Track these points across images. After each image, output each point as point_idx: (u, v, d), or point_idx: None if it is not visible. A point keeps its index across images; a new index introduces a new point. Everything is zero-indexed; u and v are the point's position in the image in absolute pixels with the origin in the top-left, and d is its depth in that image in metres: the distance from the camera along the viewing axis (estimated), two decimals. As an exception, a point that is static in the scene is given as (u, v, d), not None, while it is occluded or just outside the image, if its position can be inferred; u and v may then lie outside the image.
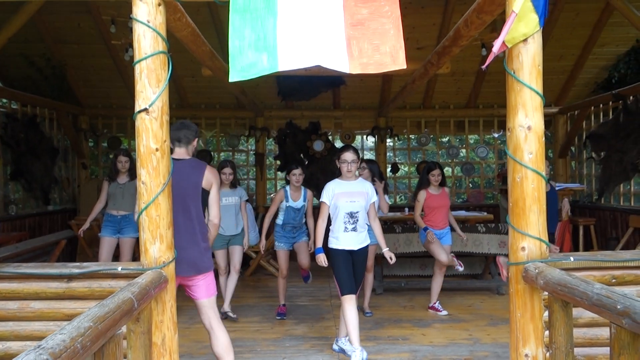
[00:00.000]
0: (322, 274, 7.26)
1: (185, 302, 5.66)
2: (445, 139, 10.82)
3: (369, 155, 9.34)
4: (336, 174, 4.26)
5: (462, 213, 7.03)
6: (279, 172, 9.10)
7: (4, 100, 7.28)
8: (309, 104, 8.92)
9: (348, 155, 4.03)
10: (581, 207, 8.20)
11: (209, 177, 3.34)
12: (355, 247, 4.03)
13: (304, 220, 5.26)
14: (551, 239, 5.11)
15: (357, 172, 4.36)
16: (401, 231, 6.25)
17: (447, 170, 10.69)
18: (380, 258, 6.42)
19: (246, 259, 7.52)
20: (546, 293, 2.66)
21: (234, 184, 5.39)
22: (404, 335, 4.58)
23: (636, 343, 1.99)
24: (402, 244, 6.26)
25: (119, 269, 2.85)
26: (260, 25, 2.69)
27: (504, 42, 2.79)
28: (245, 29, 2.66)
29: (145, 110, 2.85)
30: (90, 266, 2.90)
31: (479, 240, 6.15)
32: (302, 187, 5.24)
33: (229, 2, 2.71)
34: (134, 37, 2.88)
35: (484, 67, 3.15)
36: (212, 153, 9.16)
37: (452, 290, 6.15)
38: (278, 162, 9.01)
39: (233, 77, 2.64)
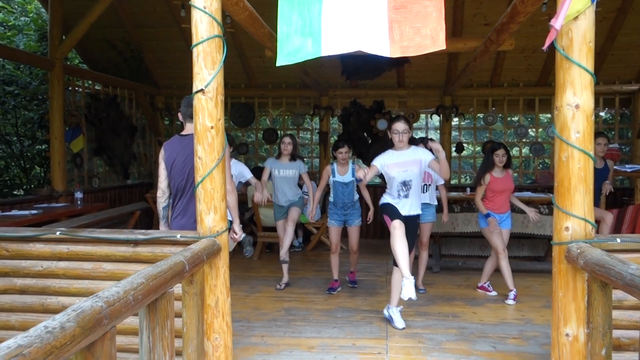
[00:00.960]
0: (381, 251, 7.39)
1: (247, 273, 6.04)
2: (515, 118, 10.46)
3: (433, 134, 9.24)
4: (389, 145, 4.37)
5: (527, 194, 6.86)
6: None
7: (89, 82, 7.87)
8: (373, 83, 8.94)
9: (400, 126, 4.15)
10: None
11: None
12: (405, 213, 4.18)
13: (356, 197, 5.34)
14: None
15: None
16: (460, 211, 6.22)
17: (515, 151, 10.39)
18: (438, 237, 6.49)
19: (307, 234, 7.80)
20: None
21: (293, 157, 5.59)
22: (455, 313, 4.63)
23: (667, 324, 1.97)
24: (460, 224, 6.24)
25: (178, 236, 3.12)
26: (307, 10, 2.80)
27: (556, 19, 2.73)
28: (293, 15, 2.79)
29: (202, 90, 3.07)
30: (154, 233, 3.20)
31: (541, 222, 6.00)
32: (350, 162, 5.37)
33: None
34: (192, 22, 3.10)
35: (544, 48, 3.08)
36: (278, 131, 9.43)
37: (512, 271, 6.06)
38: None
39: (280, 61, 2.78)
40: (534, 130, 9.07)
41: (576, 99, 2.78)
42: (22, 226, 4.69)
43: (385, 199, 4.32)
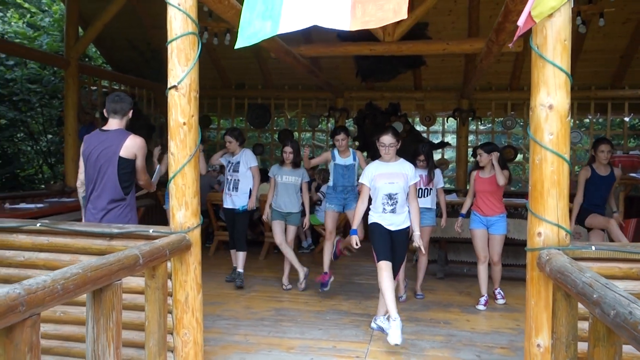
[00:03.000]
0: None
1: (247, 272, 6.04)
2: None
3: (449, 138, 9.08)
4: (410, 154, 4.34)
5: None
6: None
7: (106, 82, 8.08)
8: (389, 85, 8.85)
9: (386, 139, 4.04)
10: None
11: (129, 146, 3.54)
12: (393, 228, 4.04)
13: (355, 183, 5.27)
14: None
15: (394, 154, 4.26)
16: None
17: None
18: (444, 243, 6.35)
19: (317, 236, 7.77)
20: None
21: (296, 164, 5.57)
22: (447, 320, 4.51)
23: (612, 336, 1.86)
24: (466, 229, 6.08)
25: (151, 231, 3.15)
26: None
27: (531, 17, 2.62)
28: (258, 3, 2.77)
29: (175, 87, 3.10)
30: (129, 227, 3.24)
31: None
32: (351, 150, 5.32)
33: None
34: (167, 19, 3.13)
35: (510, 45, 2.98)
36: (294, 133, 9.45)
37: (519, 280, 5.88)
38: (357, 143, 9.08)
39: (239, 44, 2.75)
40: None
41: (550, 99, 2.68)
42: (25, 219, 4.84)
43: (372, 217, 4.11)
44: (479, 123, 8.94)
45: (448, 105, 8.85)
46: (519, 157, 8.79)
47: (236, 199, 5.60)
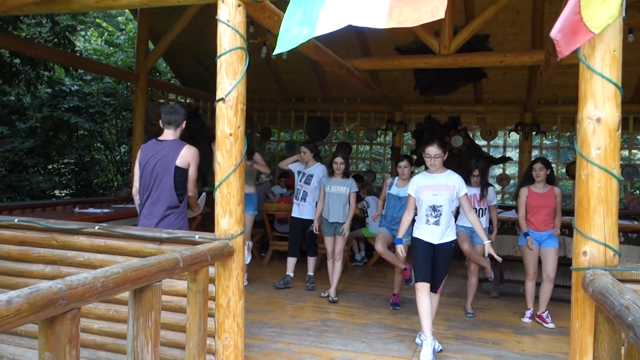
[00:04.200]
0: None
1: (302, 283, 6.11)
2: None
3: (511, 152, 8.79)
4: (463, 162, 4.30)
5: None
6: (414, 167, 9.06)
7: (172, 95, 8.51)
8: (449, 98, 8.72)
9: (432, 150, 4.01)
10: None
11: (184, 155, 3.74)
12: (436, 241, 3.99)
13: None
14: None
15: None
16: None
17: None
18: (498, 262, 6.14)
19: (370, 249, 7.73)
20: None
21: (346, 174, 5.62)
22: (497, 340, 4.36)
23: (649, 362, 1.76)
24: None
25: (197, 237, 3.29)
26: (310, 6, 2.82)
27: (587, 29, 2.52)
28: (297, 12, 2.83)
29: (222, 99, 3.24)
30: (177, 233, 3.40)
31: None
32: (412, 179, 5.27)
33: None
34: (218, 35, 3.28)
35: (558, 59, 2.87)
36: (351, 145, 9.50)
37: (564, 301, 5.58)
38: (414, 157, 8.98)
39: (277, 50, 2.81)
40: (626, 151, 8.30)
41: (597, 111, 2.57)
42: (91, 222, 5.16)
43: (415, 230, 4.12)
44: (544, 137, 8.59)
45: (510, 119, 8.58)
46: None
47: (303, 209, 5.97)
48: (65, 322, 1.88)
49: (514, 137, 8.74)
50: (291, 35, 2.77)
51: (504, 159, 8.61)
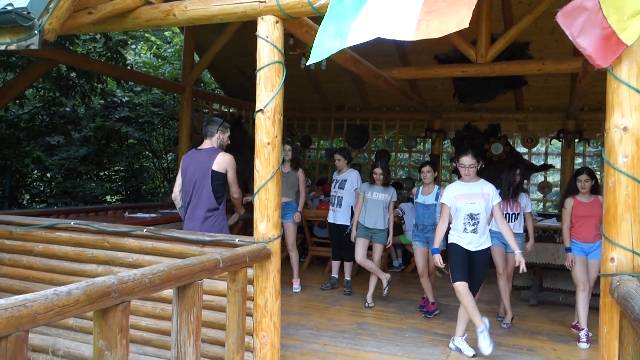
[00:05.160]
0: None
1: (340, 288, 6.24)
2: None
3: (553, 160, 8.67)
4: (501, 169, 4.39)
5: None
6: (454, 175, 9.07)
7: (216, 105, 8.85)
8: (489, 106, 8.69)
9: (466, 160, 4.10)
10: None
11: (220, 161, 4.04)
12: (473, 249, 4.06)
13: (437, 221, 5.26)
14: None
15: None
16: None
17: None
18: (538, 269, 6.09)
19: (408, 256, 7.78)
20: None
21: (386, 183, 5.73)
22: (532, 347, 4.37)
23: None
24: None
25: (237, 240, 3.49)
26: (343, 21, 2.96)
27: (620, 40, 2.58)
28: (330, 26, 2.99)
29: (261, 110, 3.43)
30: (218, 236, 3.61)
31: None
32: (436, 186, 5.33)
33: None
34: (257, 50, 3.49)
35: (601, 66, 2.87)
36: (390, 153, 9.58)
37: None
38: (454, 165, 8.99)
39: (311, 61, 2.95)
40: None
41: (624, 120, 2.62)
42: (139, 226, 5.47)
43: (452, 237, 4.20)
44: (587, 145, 8.44)
45: (552, 126, 8.47)
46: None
47: (339, 214, 6.16)
48: (117, 313, 2.09)
49: (556, 144, 8.61)
50: (324, 47, 2.92)
51: (546, 167, 8.51)
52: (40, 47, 3.42)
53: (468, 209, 4.08)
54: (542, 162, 8.65)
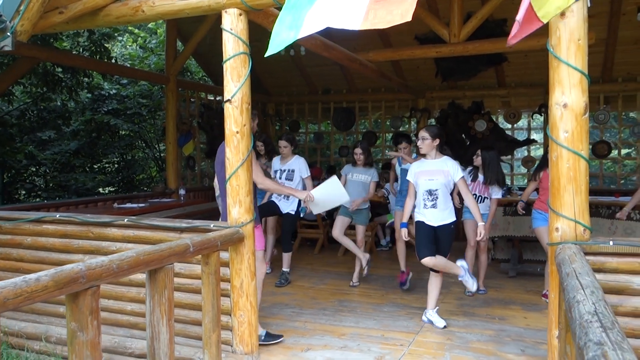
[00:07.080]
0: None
1: (325, 267, 6.44)
2: (632, 115, 9.49)
3: (536, 135, 8.80)
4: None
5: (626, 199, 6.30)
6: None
7: (202, 93, 8.97)
8: (471, 83, 8.80)
9: (420, 133, 4.31)
10: None
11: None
12: (436, 224, 4.25)
13: None
14: None
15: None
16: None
17: (632, 151, 9.40)
18: (517, 242, 6.27)
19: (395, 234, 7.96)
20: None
21: (368, 164, 5.86)
22: (503, 316, 4.56)
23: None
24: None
25: (212, 225, 3.66)
26: (298, 11, 3.08)
27: (537, 18, 2.72)
28: (287, 17, 3.10)
29: (229, 100, 3.57)
30: (195, 222, 3.78)
31: (630, 228, 5.54)
32: (415, 155, 5.51)
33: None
34: (222, 42, 3.61)
35: (508, 44, 3.00)
36: (377, 134, 9.71)
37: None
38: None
39: (268, 53, 3.07)
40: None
41: (564, 98, 2.76)
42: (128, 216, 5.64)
43: (417, 215, 4.39)
44: (569, 118, 8.54)
45: (534, 101, 8.57)
46: (614, 152, 8.27)
47: (284, 205, 5.80)
48: (87, 297, 2.26)
49: (539, 119, 8.73)
50: (280, 38, 3.04)
51: (528, 142, 8.64)
52: (14, 48, 3.56)
53: (427, 185, 4.28)
54: (525, 137, 8.77)
